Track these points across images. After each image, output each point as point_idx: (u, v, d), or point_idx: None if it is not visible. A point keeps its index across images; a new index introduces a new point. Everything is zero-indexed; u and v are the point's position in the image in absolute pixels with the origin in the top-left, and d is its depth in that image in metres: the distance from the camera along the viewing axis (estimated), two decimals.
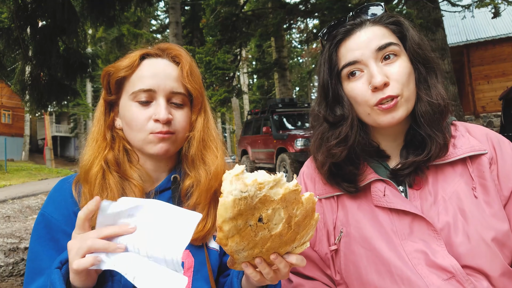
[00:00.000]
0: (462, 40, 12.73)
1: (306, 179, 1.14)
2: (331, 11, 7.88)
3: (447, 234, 0.91)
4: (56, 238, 0.94)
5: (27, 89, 5.13)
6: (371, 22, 0.98)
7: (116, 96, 1.04)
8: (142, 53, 1.02)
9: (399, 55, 0.96)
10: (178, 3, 8.07)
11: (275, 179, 0.69)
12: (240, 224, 0.68)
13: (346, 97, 1.01)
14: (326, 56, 1.02)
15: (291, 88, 17.19)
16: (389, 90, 0.92)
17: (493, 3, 8.49)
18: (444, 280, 0.86)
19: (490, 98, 12.44)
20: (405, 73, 0.94)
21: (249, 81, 35.72)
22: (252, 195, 0.66)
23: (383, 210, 0.97)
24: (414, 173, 0.98)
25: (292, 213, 0.72)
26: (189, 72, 1.02)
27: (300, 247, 0.78)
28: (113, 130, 1.06)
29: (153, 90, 0.98)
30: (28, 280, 0.93)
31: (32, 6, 4.79)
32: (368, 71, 0.94)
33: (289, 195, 0.70)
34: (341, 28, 1.00)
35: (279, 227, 0.71)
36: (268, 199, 0.68)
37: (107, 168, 0.99)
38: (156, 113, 0.97)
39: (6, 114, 30.28)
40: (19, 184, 13.27)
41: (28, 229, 4.51)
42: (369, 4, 1.02)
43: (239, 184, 0.66)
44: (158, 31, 24.07)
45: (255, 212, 0.68)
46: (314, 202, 0.75)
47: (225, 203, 0.66)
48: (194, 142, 1.05)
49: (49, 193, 1.04)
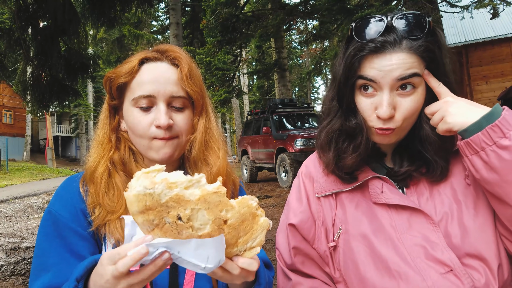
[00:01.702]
0: (460, 40, 12.70)
1: (305, 178, 1.14)
2: (330, 12, 7.91)
3: (445, 225, 0.93)
4: (63, 235, 0.95)
5: (28, 90, 5.17)
6: (406, 46, 0.88)
7: (118, 101, 1.04)
8: (141, 58, 1.01)
9: (417, 87, 0.91)
10: (179, 4, 8.10)
11: (190, 180, 0.70)
12: (153, 219, 0.70)
13: (357, 108, 0.99)
14: (347, 62, 0.95)
15: (290, 88, 17.20)
16: (391, 123, 0.92)
17: (492, 4, 8.50)
18: (442, 274, 0.87)
19: (488, 98, 12.41)
20: (414, 109, 0.92)
21: (249, 82, 35.73)
22: (160, 192, 0.68)
23: (381, 207, 0.99)
24: (409, 178, 1.00)
25: (220, 215, 0.72)
26: (188, 75, 1.01)
27: (249, 251, 0.78)
28: (118, 132, 1.06)
29: (153, 96, 0.97)
30: (34, 276, 0.93)
31: (33, 7, 4.83)
32: (380, 97, 0.92)
33: (210, 197, 0.70)
34: (371, 44, 0.90)
35: (207, 228, 0.72)
36: (183, 199, 0.69)
37: (113, 167, 1.00)
38: (157, 118, 0.97)
39: (8, 114, 30.32)
40: (20, 184, 13.30)
41: (30, 228, 4.54)
42: (414, 14, 0.91)
43: (145, 181, 0.68)
44: (159, 32, 24.09)
45: (170, 210, 0.69)
46: (250, 206, 0.74)
47: (128, 197, 0.68)
48: (196, 144, 1.04)
49: (56, 191, 1.05)
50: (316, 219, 1.07)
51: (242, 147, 12.71)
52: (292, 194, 1.16)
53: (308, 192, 1.11)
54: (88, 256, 0.95)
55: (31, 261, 3.20)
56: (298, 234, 1.08)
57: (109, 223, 0.96)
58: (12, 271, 3.68)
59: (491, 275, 0.88)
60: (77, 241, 0.95)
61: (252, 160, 11.89)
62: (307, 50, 34.01)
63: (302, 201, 1.10)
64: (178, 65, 1.02)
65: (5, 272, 3.65)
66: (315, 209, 1.08)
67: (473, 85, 12.76)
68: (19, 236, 4.20)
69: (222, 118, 36.70)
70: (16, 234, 4.25)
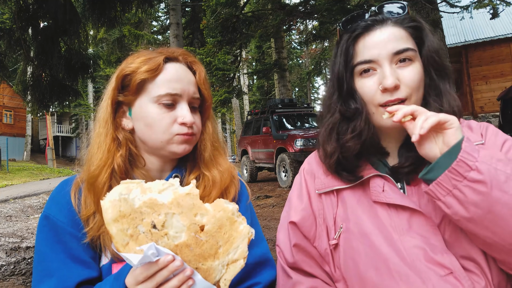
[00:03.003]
0: (460, 40, 12.72)
1: (306, 175, 1.14)
2: (330, 12, 7.92)
3: (444, 227, 0.92)
4: (63, 240, 0.95)
5: (28, 90, 5.18)
6: (392, 22, 0.98)
7: (132, 97, 1.02)
8: (165, 56, 1.03)
9: (414, 60, 0.96)
10: (179, 4, 8.09)
11: (163, 183, 0.70)
12: (126, 228, 0.68)
13: (358, 92, 1.01)
14: (343, 48, 1.02)
15: (290, 88, 17.19)
16: (399, 93, 0.94)
17: (492, 4, 8.50)
18: (442, 276, 0.87)
19: (488, 98, 12.43)
20: (417, 79, 0.95)
21: (249, 82, 35.71)
22: (133, 197, 0.67)
23: (381, 206, 0.98)
24: (414, 172, 0.98)
25: (195, 221, 0.70)
26: (205, 79, 1.07)
27: (232, 265, 0.74)
28: (120, 131, 1.04)
29: (179, 94, 1.01)
30: (36, 282, 0.93)
31: (33, 7, 4.83)
32: (381, 72, 0.95)
33: (182, 200, 0.69)
34: (361, 22, 1.00)
35: (183, 237, 0.69)
36: (156, 203, 0.68)
37: (114, 177, 0.98)
38: (183, 116, 1.00)
39: (8, 114, 30.32)
40: (20, 183, 13.31)
41: (30, 228, 4.54)
42: (394, 1, 1.02)
43: (121, 188, 0.68)
44: (159, 32, 24.07)
45: (143, 216, 0.68)
46: (226, 210, 0.71)
47: (103, 204, 0.68)
48: (207, 144, 1.09)
49: (51, 195, 1.04)
50: (317, 217, 1.07)
51: (242, 147, 12.71)
52: (293, 191, 1.15)
53: (309, 189, 1.11)
54: (89, 260, 0.95)
55: (31, 261, 3.20)
56: (299, 232, 1.08)
57: (104, 235, 0.95)
58: (12, 271, 3.68)
59: (488, 278, 0.88)
60: (77, 246, 0.95)
61: (252, 160, 11.89)
62: (307, 50, 33.99)
63: (303, 199, 1.10)
64: (193, 68, 1.07)
65: (5, 272, 3.65)
66: (316, 206, 1.08)
67: (472, 85, 12.77)
68: (19, 236, 4.20)
69: (222, 118, 36.69)
70: (16, 234, 4.25)
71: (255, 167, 11.87)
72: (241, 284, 1.08)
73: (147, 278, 0.71)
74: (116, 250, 0.71)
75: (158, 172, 1.08)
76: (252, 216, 1.18)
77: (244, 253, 0.73)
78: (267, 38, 13.72)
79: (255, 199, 8.12)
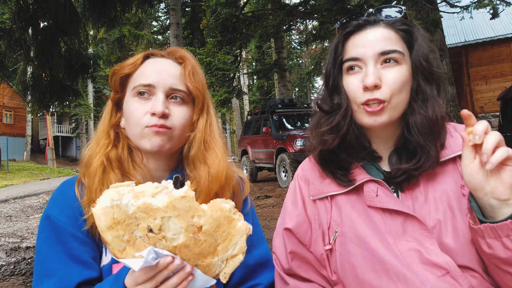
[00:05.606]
0: (460, 41, 12.73)
1: (300, 181, 1.14)
2: (330, 12, 7.90)
3: (439, 232, 0.91)
4: (64, 240, 0.95)
5: (29, 90, 5.18)
6: (384, 23, 0.99)
7: (121, 94, 1.06)
8: (147, 53, 1.06)
9: (400, 63, 0.96)
10: (179, 4, 8.10)
11: (156, 186, 0.68)
12: (122, 234, 0.67)
13: (343, 89, 1.02)
14: (333, 45, 1.05)
15: (290, 88, 17.19)
16: (378, 93, 0.93)
17: (492, 4, 8.51)
18: (439, 277, 0.87)
19: (488, 98, 12.43)
20: (399, 81, 0.94)
21: (249, 82, 35.71)
22: (126, 203, 0.66)
23: (376, 210, 0.98)
24: (406, 181, 0.98)
25: (193, 222, 0.69)
26: (191, 72, 1.03)
27: (231, 260, 0.74)
28: (117, 129, 1.07)
29: (152, 85, 0.99)
30: (37, 282, 0.93)
31: (33, 7, 4.83)
32: (365, 70, 0.96)
33: (178, 203, 0.68)
34: (354, 21, 1.01)
35: (181, 238, 0.69)
36: (151, 207, 0.67)
37: (108, 164, 0.99)
38: (153, 106, 0.98)
39: (8, 114, 30.34)
40: (20, 183, 13.31)
41: (30, 228, 4.55)
42: (392, 6, 1.03)
43: (113, 193, 0.67)
44: (159, 32, 24.07)
45: (139, 221, 0.67)
46: (223, 210, 0.71)
47: (95, 212, 0.67)
48: (195, 142, 1.04)
49: (52, 195, 1.04)
50: (312, 222, 1.07)
51: (242, 147, 12.72)
52: (288, 197, 1.15)
53: (304, 195, 1.11)
54: (89, 261, 0.95)
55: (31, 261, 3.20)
56: (294, 238, 1.08)
57: None
58: (12, 271, 3.68)
59: (485, 278, 0.88)
60: (78, 246, 0.95)
61: (252, 160, 11.89)
62: (307, 50, 33.99)
63: (297, 205, 1.10)
64: (182, 63, 1.06)
65: (5, 272, 3.65)
66: (311, 212, 1.08)
67: (472, 85, 12.78)
68: (19, 236, 4.20)
69: (222, 118, 36.68)
70: (16, 234, 4.25)
71: (255, 167, 11.87)
72: (242, 285, 1.08)
73: (147, 280, 0.71)
74: (113, 256, 0.71)
75: (158, 172, 1.07)
76: (253, 218, 1.17)
77: (243, 248, 0.74)
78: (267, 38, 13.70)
79: (255, 199, 8.12)
